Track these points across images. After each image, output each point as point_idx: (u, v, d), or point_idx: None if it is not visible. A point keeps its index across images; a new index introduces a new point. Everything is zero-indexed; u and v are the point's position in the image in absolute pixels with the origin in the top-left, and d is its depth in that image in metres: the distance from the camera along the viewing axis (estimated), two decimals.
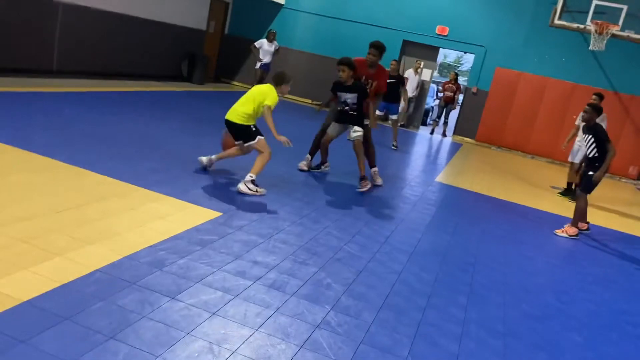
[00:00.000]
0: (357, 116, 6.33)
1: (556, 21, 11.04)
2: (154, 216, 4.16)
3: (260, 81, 12.12)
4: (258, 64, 12.41)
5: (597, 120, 6.39)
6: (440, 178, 8.36)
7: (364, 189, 6.38)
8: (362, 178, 6.40)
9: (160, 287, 3.05)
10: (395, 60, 10.84)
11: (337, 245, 4.36)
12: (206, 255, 3.62)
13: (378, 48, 6.65)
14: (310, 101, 14.69)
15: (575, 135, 8.56)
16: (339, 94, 6.35)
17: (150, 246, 3.56)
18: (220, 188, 5.24)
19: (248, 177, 5.25)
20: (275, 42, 12.57)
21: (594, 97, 8.24)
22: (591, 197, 6.63)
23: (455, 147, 12.65)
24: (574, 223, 6.35)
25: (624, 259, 5.90)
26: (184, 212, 4.38)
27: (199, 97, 11.75)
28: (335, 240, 4.47)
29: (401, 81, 10.63)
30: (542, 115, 13.23)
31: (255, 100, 5.32)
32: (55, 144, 5.53)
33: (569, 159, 8.68)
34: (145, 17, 12.07)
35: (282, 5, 15.03)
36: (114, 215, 4.00)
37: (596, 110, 6.32)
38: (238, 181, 5.43)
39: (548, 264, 5.19)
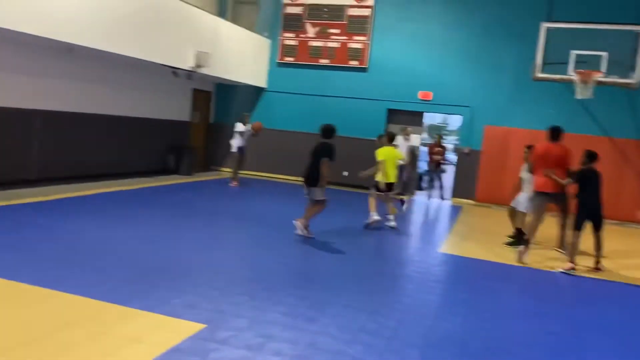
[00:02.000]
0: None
1: (538, 74, 10.97)
2: (128, 339, 3.66)
3: (240, 163, 12.52)
4: (236, 147, 12.36)
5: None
6: (444, 248, 7.86)
7: None
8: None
9: None
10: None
11: (338, 348, 3.83)
12: None
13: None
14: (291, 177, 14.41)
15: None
16: None
17: None
18: (203, 293, 4.75)
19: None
20: (248, 125, 12.54)
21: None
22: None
23: (455, 211, 12.24)
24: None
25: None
26: (162, 330, 3.89)
27: (186, 189, 11.44)
28: (334, 342, 3.94)
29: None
30: None
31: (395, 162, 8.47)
32: (23, 262, 5.09)
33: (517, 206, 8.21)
34: (126, 115, 11.99)
35: (264, 88, 15.09)
36: (81, 344, 3.50)
37: None
38: (220, 286, 4.97)
39: (577, 338, 4.63)
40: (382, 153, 8.53)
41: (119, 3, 9.39)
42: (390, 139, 8.73)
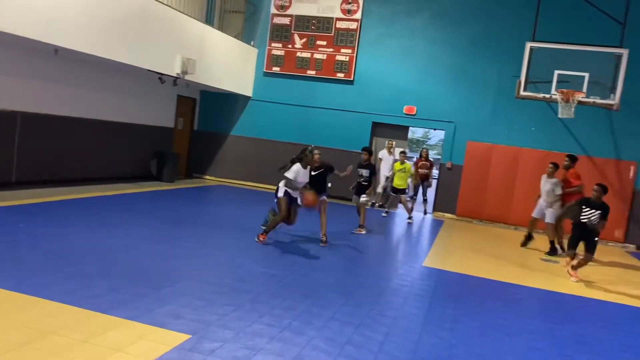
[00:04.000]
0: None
1: (521, 93, 11.11)
2: (110, 348, 3.57)
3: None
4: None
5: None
6: (428, 262, 7.89)
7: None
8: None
9: None
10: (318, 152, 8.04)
11: None
12: None
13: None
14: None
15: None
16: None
17: None
18: (187, 303, 4.67)
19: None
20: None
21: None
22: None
23: (437, 225, 12.30)
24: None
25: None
26: (146, 340, 3.80)
27: (168, 196, 11.31)
28: (322, 355, 3.91)
29: (330, 169, 8.38)
30: (519, 185, 13.08)
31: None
32: (3, 268, 4.95)
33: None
34: (109, 119, 11.84)
35: (249, 97, 15.05)
36: (62, 354, 3.41)
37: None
38: (205, 296, 4.90)
39: (561, 355, 4.66)
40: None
41: (106, 7, 9.30)
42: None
